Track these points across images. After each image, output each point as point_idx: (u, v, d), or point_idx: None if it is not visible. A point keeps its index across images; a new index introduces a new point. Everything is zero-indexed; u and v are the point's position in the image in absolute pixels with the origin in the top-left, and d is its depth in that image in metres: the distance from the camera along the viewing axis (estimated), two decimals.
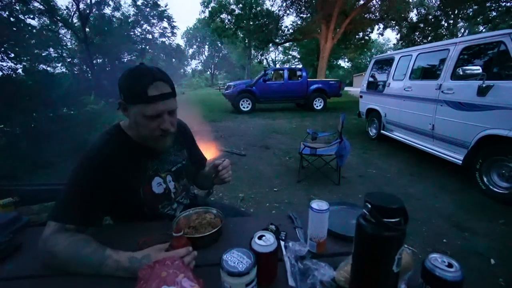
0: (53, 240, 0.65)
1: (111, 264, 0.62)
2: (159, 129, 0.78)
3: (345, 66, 42.94)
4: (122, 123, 0.87)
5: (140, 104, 0.74)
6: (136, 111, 0.75)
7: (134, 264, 0.62)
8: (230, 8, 17.66)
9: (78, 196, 0.72)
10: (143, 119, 0.75)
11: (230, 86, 9.19)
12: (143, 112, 0.74)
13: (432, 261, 0.49)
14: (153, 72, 0.75)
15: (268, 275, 0.58)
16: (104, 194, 0.76)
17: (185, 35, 40.24)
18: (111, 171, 0.76)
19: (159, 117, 0.76)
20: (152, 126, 0.77)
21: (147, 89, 0.72)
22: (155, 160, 0.88)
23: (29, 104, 4.39)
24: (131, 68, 0.76)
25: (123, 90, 0.76)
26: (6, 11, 5.93)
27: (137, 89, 0.73)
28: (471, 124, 2.71)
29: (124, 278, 0.61)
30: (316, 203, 0.68)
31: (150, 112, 0.74)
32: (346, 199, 2.59)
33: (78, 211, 0.71)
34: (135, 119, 0.77)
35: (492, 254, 1.75)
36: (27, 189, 1.46)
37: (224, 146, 4.52)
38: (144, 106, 0.74)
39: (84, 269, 0.63)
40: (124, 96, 0.77)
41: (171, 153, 0.96)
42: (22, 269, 0.66)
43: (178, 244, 0.63)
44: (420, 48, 3.91)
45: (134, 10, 12.55)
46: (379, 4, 14.90)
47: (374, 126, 5.05)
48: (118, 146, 0.80)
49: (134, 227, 0.83)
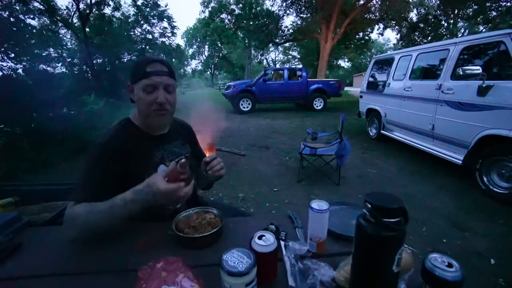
0: (72, 210, 0.72)
1: (119, 202, 0.70)
2: (155, 103, 0.84)
3: (345, 66, 42.95)
4: (131, 116, 0.94)
5: (141, 80, 0.83)
6: (138, 87, 0.84)
7: (138, 195, 0.69)
8: (230, 8, 17.68)
9: (92, 178, 0.80)
10: (142, 93, 0.84)
11: (230, 86, 9.19)
12: (142, 85, 0.83)
13: (432, 261, 0.49)
14: (154, 57, 0.88)
15: (268, 275, 0.58)
16: (115, 176, 0.81)
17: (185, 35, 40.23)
18: (121, 156, 0.83)
19: (155, 90, 0.84)
20: (149, 100, 0.84)
21: (146, 66, 0.83)
22: (160, 150, 0.93)
23: (29, 104, 4.39)
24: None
25: (131, 74, 0.87)
26: (6, 11, 5.92)
27: (138, 68, 0.84)
28: (471, 124, 2.71)
29: (125, 278, 0.60)
30: (316, 203, 0.68)
31: (146, 83, 0.83)
32: (346, 199, 2.59)
33: (93, 191, 0.77)
34: (137, 96, 0.86)
35: (492, 254, 1.75)
36: (27, 189, 1.46)
37: (224, 146, 4.52)
38: (143, 80, 0.83)
39: (101, 218, 0.69)
40: (130, 78, 0.87)
41: (175, 146, 1.00)
42: (22, 269, 0.66)
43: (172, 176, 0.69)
44: (420, 48, 3.91)
45: (134, 10, 12.55)
46: (379, 4, 14.90)
47: (374, 126, 5.05)
48: (128, 134, 0.88)
49: (134, 227, 0.83)
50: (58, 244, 0.74)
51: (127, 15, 12.59)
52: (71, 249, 0.72)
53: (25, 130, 4.33)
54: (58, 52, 9.13)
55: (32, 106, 4.44)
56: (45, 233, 0.85)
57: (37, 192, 1.44)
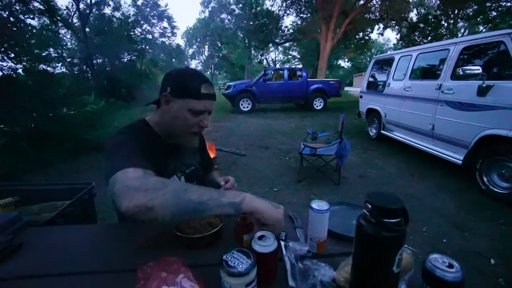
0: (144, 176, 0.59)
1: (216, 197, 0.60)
2: (197, 125, 0.82)
3: (345, 66, 42.94)
4: (148, 119, 0.89)
5: (189, 98, 0.78)
6: (182, 105, 0.79)
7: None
8: (230, 8, 17.68)
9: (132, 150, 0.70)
10: (187, 113, 0.79)
11: (230, 86, 9.19)
12: (191, 106, 0.78)
13: (433, 261, 0.49)
14: (203, 75, 0.84)
15: (268, 275, 0.58)
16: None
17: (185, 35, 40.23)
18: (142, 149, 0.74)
19: (201, 114, 0.81)
20: (193, 122, 0.81)
21: (201, 86, 0.79)
22: (174, 159, 0.91)
23: (29, 104, 4.39)
24: (182, 68, 0.87)
25: (173, 83, 0.80)
26: (6, 11, 5.92)
27: (191, 84, 0.79)
28: (471, 124, 2.71)
29: (125, 278, 0.60)
30: (316, 203, 0.68)
31: (199, 107, 0.79)
32: (346, 199, 2.58)
33: (139, 160, 0.66)
34: (177, 113, 0.80)
35: (492, 254, 1.75)
36: (27, 189, 1.46)
37: (224, 146, 4.52)
38: (193, 101, 0.79)
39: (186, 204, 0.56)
40: (172, 89, 0.79)
41: (187, 155, 0.97)
42: (22, 269, 0.66)
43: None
44: (420, 48, 3.91)
45: (134, 10, 12.57)
46: (379, 4, 14.90)
47: (374, 126, 5.05)
48: (147, 138, 0.82)
49: (134, 228, 0.83)
50: (58, 244, 0.74)
51: (127, 15, 12.60)
52: (71, 249, 0.72)
53: (25, 130, 4.34)
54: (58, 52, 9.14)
55: (32, 106, 4.44)
56: (45, 233, 0.85)
57: (37, 192, 1.44)
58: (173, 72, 0.83)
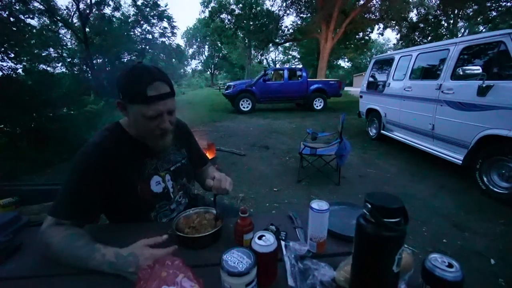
0: (49, 232, 0.68)
1: (98, 258, 0.62)
2: (158, 128, 0.78)
3: (345, 66, 42.95)
4: (122, 121, 0.87)
5: (139, 104, 0.74)
6: (135, 110, 0.75)
7: (119, 260, 0.61)
8: (230, 8, 17.68)
9: (74, 192, 0.73)
10: (143, 119, 0.75)
11: (230, 86, 9.18)
12: (143, 112, 0.74)
13: (432, 261, 0.49)
14: (152, 72, 0.74)
15: (268, 275, 0.58)
16: (101, 190, 0.76)
17: (185, 35, 40.25)
18: (108, 167, 0.76)
19: (158, 117, 0.77)
20: (151, 126, 0.77)
21: (147, 89, 0.72)
22: (154, 159, 0.88)
23: (29, 104, 4.39)
24: (129, 68, 0.75)
25: (121, 89, 0.76)
26: (6, 11, 5.93)
27: (136, 89, 0.72)
28: (471, 124, 2.71)
29: (125, 278, 0.60)
30: (316, 203, 0.68)
31: (150, 113, 0.74)
32: (346, 199, 2.58)
33: (74, 207, 0.72)
34: (135, 118, 0.77)
35: (492, 254, 1.75)
36: (27, 189, 1.46)
37: (223, 146, 4.52)
38: (143, 106, 0.73)
39: (73, 261, 0.63)
40: (122, 95, 0.76)
41: (170, 152, 0.95)
42: (22, 269, 0.66)
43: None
44: (420, 48, 3.91)
45: (134, 10, 12.56)
46: (379, 4, 14.90)
47: (374, 126, 5.05)
48: (117, 143, 0.80)
49: (133, 228, 0.83)
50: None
51: (127, 15, 12.61)
52: None
53: (25, 130, 4.34)
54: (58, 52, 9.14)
55: (32, 106, 4.44)
56: None
57: (37, 192, 1.44)
58: (121, 74, 0.76)
